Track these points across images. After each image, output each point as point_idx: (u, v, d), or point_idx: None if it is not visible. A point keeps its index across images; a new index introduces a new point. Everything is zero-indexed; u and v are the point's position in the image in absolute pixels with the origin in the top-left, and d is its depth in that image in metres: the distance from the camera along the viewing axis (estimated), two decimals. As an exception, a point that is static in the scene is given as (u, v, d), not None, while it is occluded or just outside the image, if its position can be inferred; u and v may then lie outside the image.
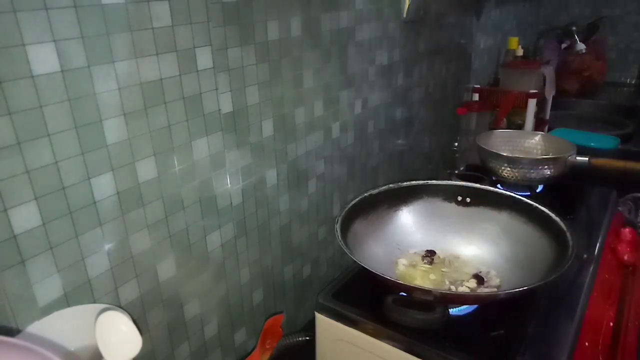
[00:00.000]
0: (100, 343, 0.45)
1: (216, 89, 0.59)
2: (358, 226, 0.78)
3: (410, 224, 0.86)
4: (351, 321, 0.67)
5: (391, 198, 0.85)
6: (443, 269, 0.77)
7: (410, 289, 0.64)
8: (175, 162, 0.56)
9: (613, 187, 1.08)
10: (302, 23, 0.70)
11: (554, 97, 1.51)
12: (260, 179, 0.70)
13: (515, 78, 1.43)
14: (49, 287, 0.46)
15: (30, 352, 0.37)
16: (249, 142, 0.66)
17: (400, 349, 0.63)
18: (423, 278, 0.75)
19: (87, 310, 0.47)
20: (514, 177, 1.03)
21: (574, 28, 1.69)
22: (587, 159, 1.00)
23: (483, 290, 0.73)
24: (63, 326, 0.46)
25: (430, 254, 0.80)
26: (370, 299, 0.71)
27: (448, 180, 0.90)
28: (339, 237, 0.69)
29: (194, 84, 0.56)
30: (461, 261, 0.80)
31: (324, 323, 0.70)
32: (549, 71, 1.44)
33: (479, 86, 1.46)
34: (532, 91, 1.36)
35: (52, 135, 0.43)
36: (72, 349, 0.46)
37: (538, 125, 1.45)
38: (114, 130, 0.49)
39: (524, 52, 1.61)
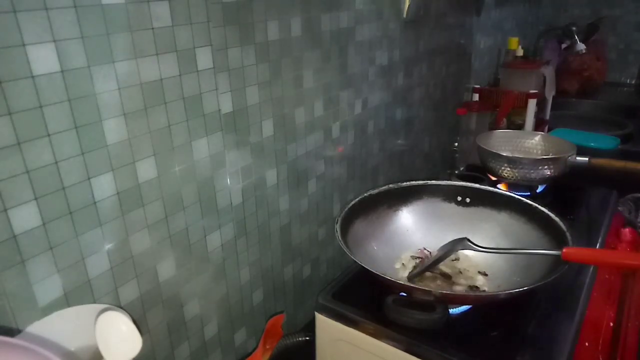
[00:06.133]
0: (100, 343, 0.45)
1: (216, 89, 0.59)
2: (358, 226, 0.78)
3: (410, 224, 0.86)
4: (351, 321, 0.67)
5: (391, 198, 0.85)
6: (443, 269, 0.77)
7: (410, 289, 0.64)
8: (175, 162, 0.56)
9: (613, 187, 1.08)
10: (302, 23, 0.70)
11: (554, 97, 1.51)
12: (260, 179, 0.70)
13: (515, 78, 1.43)
14: (49, 287, 0.46)
15: (30, 352, 0.37)
16: (249, 142, 0.66)
17: (400, 349, 0.63)
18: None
19: (87, 310, 0.47)
20: (514, 177, 1.03)
21: (574, 28, 1.69)
22: (587, 159, 1.00)
23: (483, 290, 0.73)
24: (63, 326, 0.46)
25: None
26: (370, 299, 0.71)
27: (448, 180, 0.90)
28: (339, 237, 0.69)
29: (194, 84, 0.56)
30: (461, 260, 0.80)
31: (324, 323, 0.70)
32: (549, 71, 1.44)
33: (479, 86, 1.46)
34: (532, 91, 1.36)
35: (52, 135, 0.43)
36: (72, 349, 0.46)
37: (538, 125, 1.45)
38: (114, 130, 0.49)
39: (524, 52, 1.61)
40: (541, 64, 1.43)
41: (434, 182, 0.88)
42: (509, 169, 1.03)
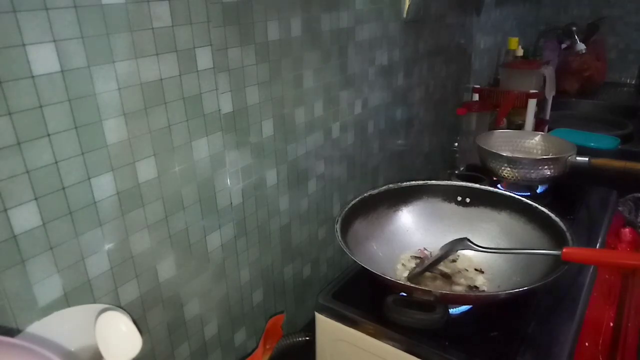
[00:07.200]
0: (100, 343, 0.45)
1: (216, 89, 0.59)
2: (358, 226, 0.78)
3: (410, 224, 0.86)
4: (351, 321, 0.67)
5: (391, 198, 0.85)
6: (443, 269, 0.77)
7: (410, 289, 0.64)
8: (175, 162, 0.56)
9: (613, 187, 1.08)
10: (302, 23, 0.70)
11: (554, 97, 1.51)
12: (260, 179, 0.70)
13: (515, 78, 1.43)
14: (49, 287, 0.46)
15: (30, 352, 0.37)
16: (249, 142, 0.66)
17: (400, 349, 0.63)
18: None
19: (87, 310, 0.47)
20: (514, 177, 1.03)
21: (574, 28, 1.69)
22: (587, 159, 1.00)
23: (483, 290, 0.73)
24: (63, 326, 0.46)
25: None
26: (370, 299, 0.71)
27: (448, 180, 0.90)
28: (339, 237, 0.69)
29: (194, 84, 0.56)
30: (460, 260, 0.80)
31: (324, 323, 0.70)
32: (549, 71, 1.44)
33: (479, 86, 1.46)
34: (532, 91, 1.36)
35: (52, 135, 0.43)
36: (72, 349, 0.46)
37: (538, 125, 1.45)
38: (114, 130, 0.49)
39: (524, 52, 1.61)
40: (541, 64, 1.43)
41: (434, 182, 0.88)
42: (509, 169, 1.03)
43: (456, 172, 1.29)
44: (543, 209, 0.77)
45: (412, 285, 0.65)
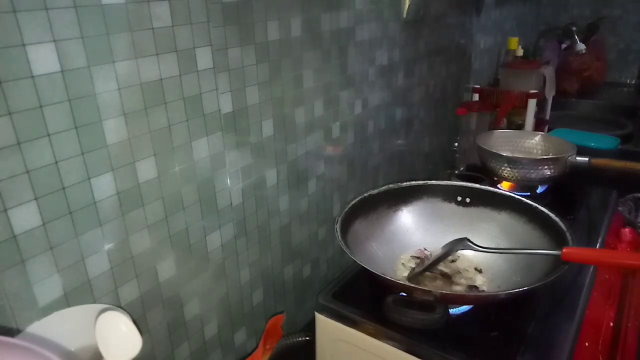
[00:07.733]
0: (100, 343, 0.45)
1: (216, 89, 0.59)
2: (358, 226, 0.78)
3: (410, 224, 0.86)
4: (351, 321, 0.67)
5: (391, 198, 0.85)
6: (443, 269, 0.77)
7: (410, 289, 0.64)
8: (175, 162, 0.56)
9: (613, 187, 1.08)
10: (302, 23, 0.70)
11: (554, 97, 1.51)
12: (260, 179, 0.70)
13: (515, 78, 1.43)
14: (49, 287, 0.46)
15: (30, 352, 0.37)
16: (249, 142, 0.66)
17: (400, 349, 0.63)
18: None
19: (87, 310, 0.47)
20: (514, 178, 1.03)
21: (574, 28, 1.69)
22: (587, 159, 1.00)
23: (482, 289, 0.73)
24: (63, 326, 0.46)
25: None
26: (370, 299, 0.71)
27: (448, 180, 0.90)
28: (339, 237, 0.69)
29: (194, 84, 0.56)
30: (460, 260, 0.80)
31: (324, 323, 0.70)
32: (549, 71, 1.44)
33: (479, 86, 1.46)
34: (532, 91, 1.36)
35: (52, 135, 0.43)
36: (72, 349, 0.46)
37: (538, 125, 1.45)
38: (114, 130, 0.49)
39: (524, 52, 1.61)
40: (541, 64, 1.43)
41: (434, 182, 0.88)
42: (509, 169, 1.03)
43: (456, 172, 1.29)
44: (543, 209, 0.77)
45: (412, 285, 0.65)
